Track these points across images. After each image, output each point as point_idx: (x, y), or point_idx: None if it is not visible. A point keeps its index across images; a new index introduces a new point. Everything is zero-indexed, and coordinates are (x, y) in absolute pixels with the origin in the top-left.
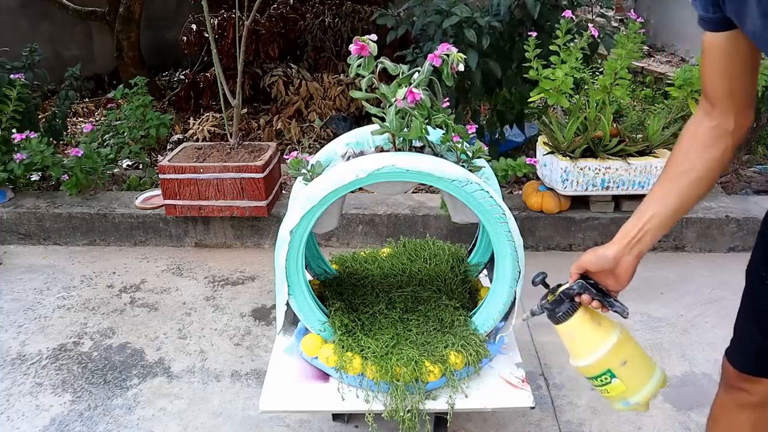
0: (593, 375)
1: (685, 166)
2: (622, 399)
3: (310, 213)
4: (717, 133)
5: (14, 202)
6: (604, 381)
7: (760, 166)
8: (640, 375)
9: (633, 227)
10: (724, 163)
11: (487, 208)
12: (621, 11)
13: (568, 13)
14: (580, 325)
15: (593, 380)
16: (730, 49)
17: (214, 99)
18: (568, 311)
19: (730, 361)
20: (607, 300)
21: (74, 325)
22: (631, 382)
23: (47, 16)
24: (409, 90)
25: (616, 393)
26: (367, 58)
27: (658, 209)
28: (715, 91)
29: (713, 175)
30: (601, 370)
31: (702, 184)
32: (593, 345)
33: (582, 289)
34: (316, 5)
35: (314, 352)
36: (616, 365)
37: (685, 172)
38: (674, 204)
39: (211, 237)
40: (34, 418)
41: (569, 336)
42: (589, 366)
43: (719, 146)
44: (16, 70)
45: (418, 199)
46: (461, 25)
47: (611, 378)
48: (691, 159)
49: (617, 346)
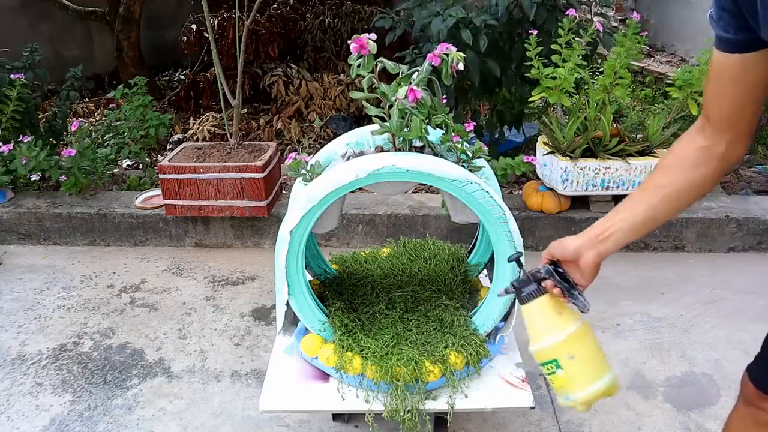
0: (542, 361)
1: (663, 180)
2: (564, 392)
3: (310, 213)
4: (707, 154)
5: (14, 202)
6: (550, 370)
7: (760, 166)
8: (585, 374)
9: (601, 226)
10: (707, 186)
11: (487, 208)
12: (621, 11)
13: (572, 11)
14: (541, 309)
15: (542, 366)
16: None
17: (214, 99)
18: (533, 293)
19: (751, 379)
20: (570, 291)
21: (74, 325)
22: (574, 378)
23: (47, 16)
24: (410, 88)
25: (559, 384)
26: (367, 57)
27: (628, 216)
28: (716, 113)
29: (692, 196)
30: (549, 358)
31: (678, 202)
32: (548, 331)
33: (547, 274)
34: (316, 5)
35: (314, 352)
36: (563, 357)
37: (663, 186)
38: (644, 214)
39: (211, 237)
40: (34, 418)
41: (530, 318)
42: (539, 350)
43: (706, 168)
44: (16, 70)
45: (418, 199)
46: (458, 26)
47: (556, 368)
48: (673, 174)
49: (570, 338)
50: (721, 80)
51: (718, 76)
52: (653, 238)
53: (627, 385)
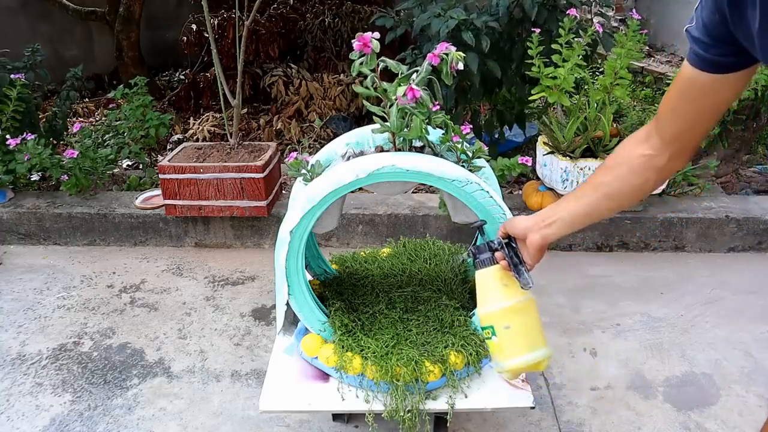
0: (481, 326)
1: (605, 179)
2: (495, 359)
3: (310, 213)
4: (648, 163)
5: (14, 202)
6: (486, 335)
7: (760, 166)
8: (516, 345)
9: (548, 212)
10: (644, 192)
11: (487, 208)
12: (621, 11)
13: (573, 11)
14: (490, 277)
15: (482, 330)
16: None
17: (214, 99)
18: (487, 261)
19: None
20: (517, 266)
21: (74, 325)
22: (505, 347)
23: (47, 16)
24: (410, 87)
25: (492, 350)
26: (369, 56)
27: (572, 208)
28: (669, 126)
29: (630, 199)
30: (488, 324)
31: (617, 202)
32: (491, 299)
33: (499, 246)
34: (316, 5)
35: (314, 352)
36: (500, 325)
37: (603, 184)
38: (585, 208)
39: (211, 237)
40: (34, 418)
41: (479, 283)
42: (481, 315)
43: (644, 177)
44: (16, 70)
45: (418, 199)
46: (459, 28)
47: (492, 335)
48: (613, 175)
49: (510, 310)
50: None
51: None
52: (653, 238)
53: (627, 385)
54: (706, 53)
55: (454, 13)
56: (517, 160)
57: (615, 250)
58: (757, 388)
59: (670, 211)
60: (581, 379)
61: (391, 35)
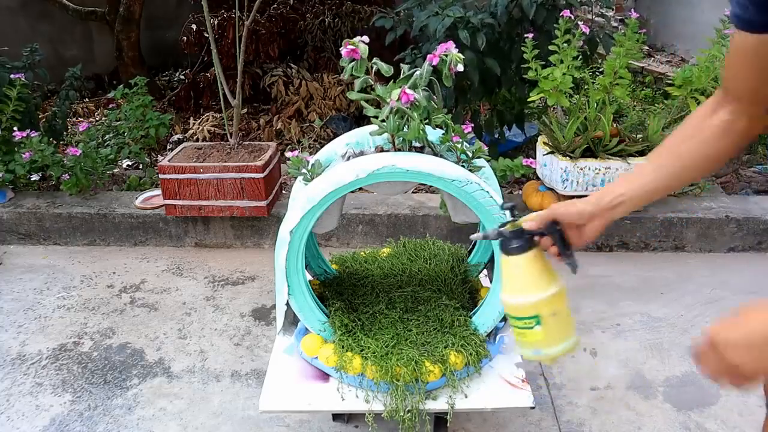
0: (520, 316)
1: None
2: (535, 348)
3: (310, 213)
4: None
5: (14, 202)
6: (528, 325)
7: (760, 166)
8: (560, 332)
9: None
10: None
11: (487, 208)
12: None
13: (567, 12)
14: (530, 263)
15: (517, 320)
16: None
17: (214, 99)
18: (524, 246)
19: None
20: (566, 251)
21: (74, 325)
22: (550, 335)
23: (47, 16)
24: (402, 91)
25: (533, 340)
26: (359, 61)
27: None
28: (738, 90)
29: (708, 167)
30: (531, 313)
31: (694, 173)
32: (534, 287)
33: (549, 232)
34: (316, 5)
35: (314, 352)
36: (546, 314)
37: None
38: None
39: (211, 237)
40: (34, 418)
41: (514, 271)
42: (520, 305)
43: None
44: (16, 70)
45: (418, 199)
46: (455, 26)
47: (535, 324)
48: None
49: (555, 296)
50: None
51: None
52: (653, 238)
53: (627, 385)
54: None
55: (452, 12)
56: (521, 161)
57: (615, 250)
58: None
59: (670, 211)
60: (581, 379)
61: (391, 35)
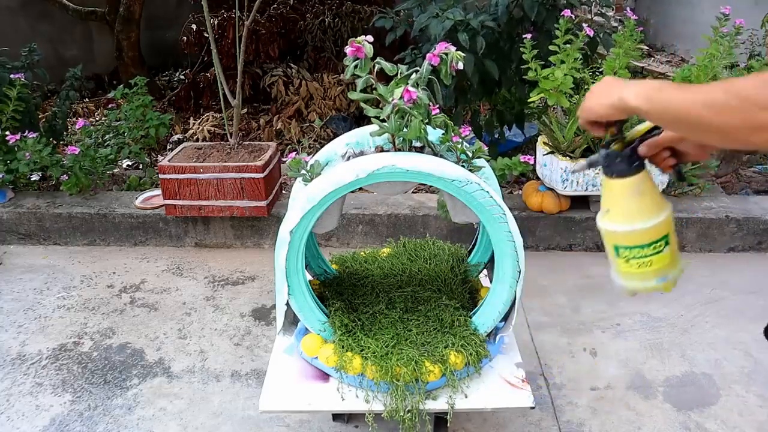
0: (651, 240)
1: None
2: (662, 274)
3: (310, 213)
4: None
5: (14, 202)
6: (658, 249)
7: (760, 166)
8: (677, 251)
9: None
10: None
11: (487, 208)
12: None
13: (567, 12)
14: (649, 180)
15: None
16: None
17: (214, 99)
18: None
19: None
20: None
21: (74, 325)
22: (674, 255)
23: (47, 16)
24: (406, 89)
25: (661, 265)
26: (364, 60)
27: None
28: None
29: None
30: (662, 234)
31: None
32: (661, 205)
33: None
34: (316, 5)
35: (314, 352)
36: (672, 231)
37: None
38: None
39: (211, 237)
40: (34, 418)
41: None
42: (653, 227)
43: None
44: (16, 70)
45: (418, 199)
46: (455, 29)
47: (665, 246)
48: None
49: (671, 215)
50: None
51: None
52: None
53: (627, 385)
54: None
55: (451, 14)
56: (519, 159)
57: None
58: (757, 388)
59: None
60: (581, 379)
61: (391, 36)
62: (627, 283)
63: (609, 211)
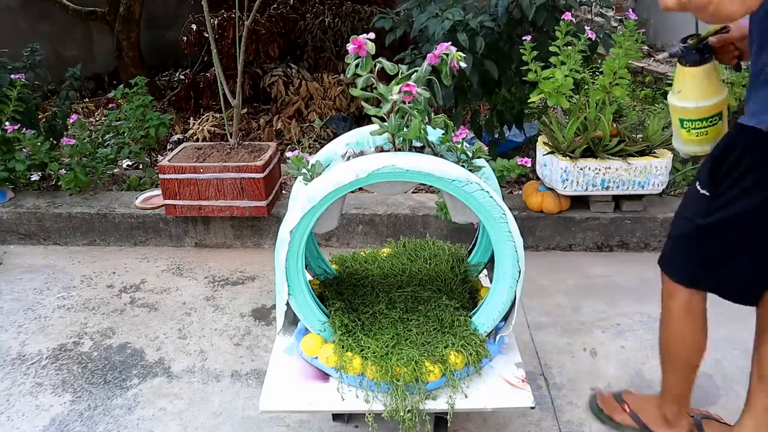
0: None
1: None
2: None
3: (310, 213)
4: None
5: (14, 202)
6: (713, 122)
7: None
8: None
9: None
10: None
11: (487, 208)
12: (621, 11)
13: (568, 15)
14: (712, 71)
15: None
16: None
17: (214, 99)
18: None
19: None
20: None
21: (74, 325)
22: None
23: (47, 16)
24: (405, 83)
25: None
26: (365, 58)
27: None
28: None
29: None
30: (716, 111)
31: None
32: (721, 87)
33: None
34: (316, 5)
35: (314, 352)
36: (724, 110)
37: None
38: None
39: (211, 237)
40: (34, 418)
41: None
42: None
43: None
44: (16, 70)
45: (418, 199)
46: (455, 29)
47: (719, 120)
48: None
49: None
50: None
51: None
52: (653, 238)
53: (627, 385)
54: None
55: (451, 14)
56: (516, 161)
57: (615, 250)
58: None
59: (670, 211)
60: (581, 379)
61: (391, 36)
62: (688, 149)
63: (681, 91)
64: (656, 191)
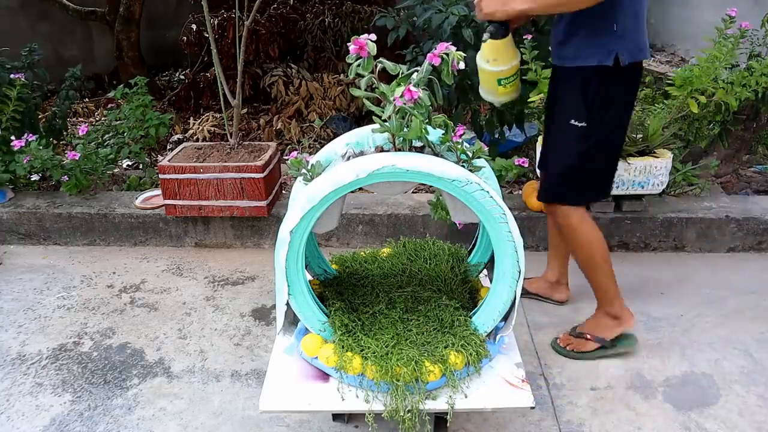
0: (514, 72)
1: None
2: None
3: (310, 213)
4: None
5: (14, 202)
6: (516, 75)
7: (760, 166)
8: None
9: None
10: None
11: (487, 208)
12: None
13: None
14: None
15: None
16: None
17: (214, 99)
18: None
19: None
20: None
21: (74, 325)
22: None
23: (47, 16)
24: (407, 88)
25: (515, 87)
26: (366, 59)
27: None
28: None
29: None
30: (517, 68)
31: None
32: (516, 54)
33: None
34: (316, 5)
35: (314, 352)
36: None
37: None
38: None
39: (211, 237)
40: (34, 418)
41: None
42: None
43: None
44: (16, 70)
45: (418, 199)
46: (460, 25)
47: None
48: None
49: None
50: None
51: None
52: (653, 238)
53: (627, 385)
54: None
55: (456, 10)
56: (513, 162)
57: (615, 250)
58: (757, 388)
59: (670, 211)
60: (581, 379)
61: (393, 36)
62: (502, 99)
63: (496, 59)
64: (656, 191)
